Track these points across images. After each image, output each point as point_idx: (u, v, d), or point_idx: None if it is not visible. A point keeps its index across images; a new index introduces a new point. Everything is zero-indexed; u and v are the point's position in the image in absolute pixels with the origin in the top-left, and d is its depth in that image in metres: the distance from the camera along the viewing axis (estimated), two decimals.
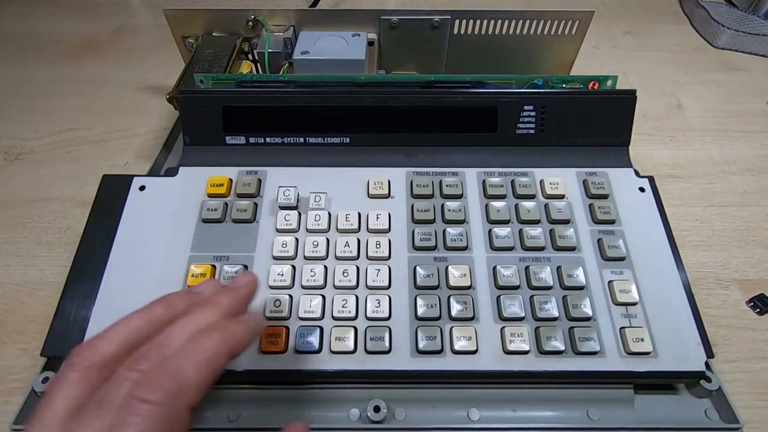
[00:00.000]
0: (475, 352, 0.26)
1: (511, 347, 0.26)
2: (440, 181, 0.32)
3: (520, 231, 0.30)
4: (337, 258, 0.29)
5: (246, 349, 0.19)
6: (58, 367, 0.28)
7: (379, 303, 0.28)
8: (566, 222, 0.31)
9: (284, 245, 0.30)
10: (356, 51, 0.40)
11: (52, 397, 0.16)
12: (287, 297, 0.28)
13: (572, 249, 0.30)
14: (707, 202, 0.40)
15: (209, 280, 0.22)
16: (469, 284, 0.28)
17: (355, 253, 0.29)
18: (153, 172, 0.39)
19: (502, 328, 0.27)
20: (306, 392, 0.27)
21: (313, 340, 0.26)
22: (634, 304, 0.28)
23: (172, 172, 0.33)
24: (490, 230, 0.30)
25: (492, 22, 0.41)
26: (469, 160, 0.34)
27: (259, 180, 0.33)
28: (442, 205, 0.31)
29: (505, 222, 0.31)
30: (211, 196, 0.32)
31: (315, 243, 0.30)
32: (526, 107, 0.33)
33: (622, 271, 0.29)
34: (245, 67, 0.43)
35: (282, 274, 0.28)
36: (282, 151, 0.34)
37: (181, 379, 0.16)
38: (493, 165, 0.33)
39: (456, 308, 0.27)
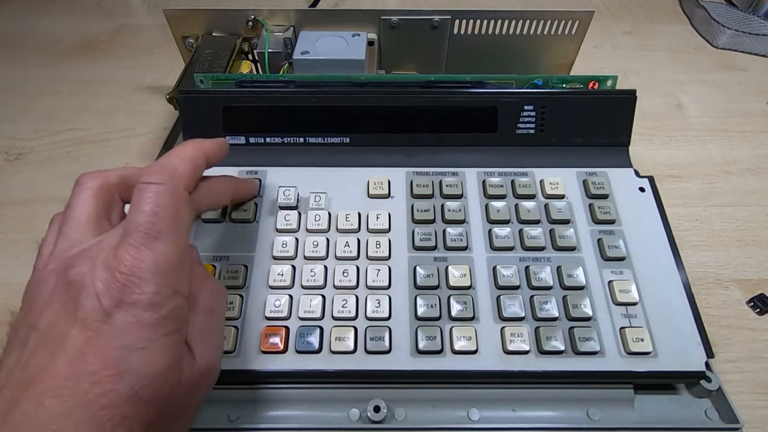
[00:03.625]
0: (475, 352, 0.26)
1: (511, 347, 0.26)
2: (440, 181, 0.32)
3: (520, 231, 0.30)
4: (337, 258, 0.29)
5: (218, 157, 0.25)
6: None
7: (379, 303, 0.28)
8: (566, 222, 0.31)
9: (284, 245, 0.30)
10: (356, 51, 0.40)
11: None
12: (287, 297, 0.28)
13: (572, 249, 0.30)
14: (707, 202, 0.40)
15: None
16: (469, 284, 0.28)
17: (355, 253, 0.29)
18: None
19: (502, 328, 0.27)
20: (306, 392, 0.27)
21: (313, 340, 0.26)
22: (634, 304, 0.28)
23: None
24: (490, 230, 0.30)
25: (492, 22, 0.41)
26: (469, 160, 0.34)
27: (259, 180, 0.33)
28: (442, 205, 0.31)
29: (505, 222, 0.31)
30: None
31: (315, 243, 0.30)
32: (526, 107, 0.33)
33: (622, 271, 0.29)
34: (245, 67, 0.43)
35: (282, 274, 0.28)
36: (282, 151, 0.34)
37: (171, 168, 0.21)
38: (493, 165, 0.33)
39: (456, 308, 0.27)
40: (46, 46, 0.58)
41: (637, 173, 0.33)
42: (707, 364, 0.27)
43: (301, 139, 0.34)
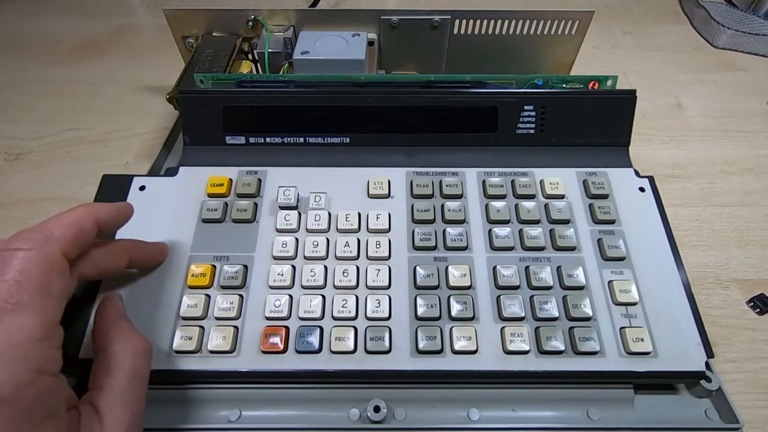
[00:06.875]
0: (475, 352, 0.26)
1: (511, 347, 0.26)
2: (440, 181, 0.32)
3: (520, 231, 0.30)
4: (337, 258, 0.29)
5: (116, 221, 0.24)
6: None
7: (379, 303, 0.28)
8: (566, 222, 0.31)
9: (284, 245, 0.30)
10: (356, 51, 0.40)
11: None
12: (287, 297, 0.28)
13: (572, 249, 0.30)
14: (707, 202, 0.40)
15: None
16: (469, 284, 0.28)
17: (355, 253, 0.29)
18: (153, 172, 0.39)
19: (502, 328, 0.27)
20: (306, 392, 0.27)
21: (313, 340, 0.26)
22: (634, 304, 0.28)
23: (172, 172, 0.33)
24: (490, 230, 0.30)
25: (492, 22, 0.41)
26: (469, 160, 0.34)
27: (259, 180, 0.33)
28: (442, 205, 0.31)
29: (505, 222, 0.31)
30: (211, 196, 0.32)
31: (315, 243, 0.30)
32: (526, 107, 0.33)
33: (622, 271, 0.29)
34: (245, 67, 0.43)
35: (282, 274, 0.28)
36: (282, 151, 0.34)
37: (47, 233, 0.20)
38: (493, 165, 0.33)
39: (456, 308, 0.27)
40: (46, 46, 0.58)
41: (637, 173, 0.33)
42: (707, 364, 0.27)
43: (301, 139, 0.34)
